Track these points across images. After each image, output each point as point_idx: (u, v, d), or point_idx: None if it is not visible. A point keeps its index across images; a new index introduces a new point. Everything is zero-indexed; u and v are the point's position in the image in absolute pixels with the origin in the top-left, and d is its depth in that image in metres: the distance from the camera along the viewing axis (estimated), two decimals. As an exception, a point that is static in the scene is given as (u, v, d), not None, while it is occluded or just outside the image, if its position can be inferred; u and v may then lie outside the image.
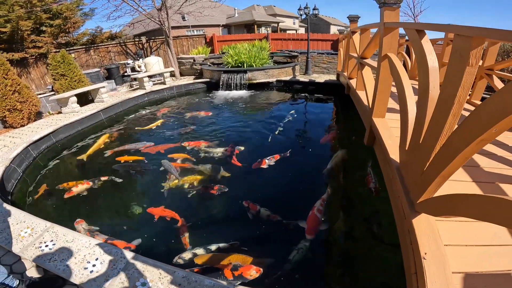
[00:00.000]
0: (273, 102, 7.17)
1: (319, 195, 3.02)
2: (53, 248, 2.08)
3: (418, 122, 1.63)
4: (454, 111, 1.25)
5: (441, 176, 1.28)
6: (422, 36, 1.70)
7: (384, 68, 2.61)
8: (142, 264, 1.85)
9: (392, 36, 2.57)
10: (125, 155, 4.39)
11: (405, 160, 1.81)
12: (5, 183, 3.54)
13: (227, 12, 24.41)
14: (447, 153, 1.23)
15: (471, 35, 1.17)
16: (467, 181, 1.80)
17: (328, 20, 41.83)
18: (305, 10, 8.67)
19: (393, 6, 2.56)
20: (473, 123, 1.05)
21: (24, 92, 5.61)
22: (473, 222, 1.38)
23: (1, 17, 7.42)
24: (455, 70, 1.24)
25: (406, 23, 2.09)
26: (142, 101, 7.83)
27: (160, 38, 11.07)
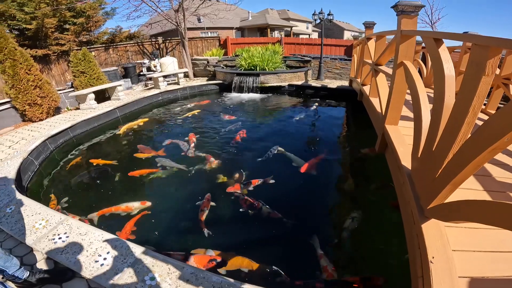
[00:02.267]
0: (285, 107, 7.17)
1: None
2: (66, 240, 2.14)
3: (432, 130, 1.63)
4: (468, 119, 1.27)
5: (453, 184, 1.30)
6: (440, 45, 1.71)
7: (399, 76, 2.61)
8: (152, 259, 1.90)
9: (408, 44, 2.58)
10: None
11: (417, 167, 1.82)
12: (22, 175, 3.65)
13: (241, 15, 24.66)
14: (459, 161, 1.24)
15: (488, 44, 1.17)
16: (478, 189, 1.81)
17: (342, 25, 41.61)
18: (319, 15, 8.68)
19: (410, 14, 2.58)
20: (486, 132, 1.07)
21: (45, 88, 5.84)
22: (481, 229, 1.39)
23: (27, 14, 7.68)
24: (471, 79, 1.26)
25: (423, 32, 2.09)
26: (156, 100, 7.98)
27: (176, 39, 11.28)
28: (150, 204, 3.07)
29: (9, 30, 7.88)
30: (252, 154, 4.37)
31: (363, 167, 4.06)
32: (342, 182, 3.62)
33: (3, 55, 5.35)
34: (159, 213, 2.99)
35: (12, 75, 5.42)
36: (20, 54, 5.55)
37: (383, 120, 2.93)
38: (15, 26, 7.90)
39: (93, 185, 3.71)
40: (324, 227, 2.86)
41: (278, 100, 7.77)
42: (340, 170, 4.04)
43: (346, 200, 3.33)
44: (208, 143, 4.82)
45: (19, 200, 2.76)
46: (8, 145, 4.51)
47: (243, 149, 4.54)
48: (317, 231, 2.65)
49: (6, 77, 5.46)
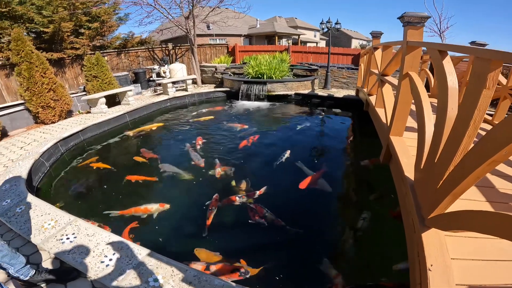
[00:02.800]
0: (291, 116, 7.20)
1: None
2: (73, 241, 2.20)
3: (434, 142, 1.66)
4: (469, 132, 1.29)
5: (453, 194, 1.33)
6: (444, 57, 1.73)
7: (405, 87, 2.63)
8: (156, 261, 1.94)
9: (414, 55, 2.60)
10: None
11: (419, 178, 1.84)
12: (33, 176, 3.75)
13: (250, 22, 24.98)
14: (460, 173, 1.27)
15: (489, 58, 1.20)
16: (481, 200, 1.83)
17: (350, 34, 41.68)
18: (327, 24, 8.76)
19: (416, 25, 2.60)
20: (485, 145, 1.10)
21: (58, 91, 6.01)
22: (481, 238, 1.41)
23: (45, 18, 7.86)
24: (473, 92, 1.28)
25: (428, 43, 2.10)
26: (164, 106, 8.11)
27: (185, 46, 11.49)
28: (169, 206, 3.14)
29: (26, 33, 8.09)
30: (259, 162, 4.42)
31: (364, 178, 4.07)
32: (345, 193, 3.62)
33: (20, 58, 5.52)
34: (163, 219, 3.03)
35: (28, 77, 5.57)
36: (37, 57, 5.72)
37: (388, 131, 2.95)
38: (33, 29, 8.09)
39: (100, 188, 3.79)
40: (326, 236, 2.87)
41: (284, 109, 7.82)
42: (343, 181, 4.04)
43: (348, 210, 3.34)
44: (217, 150, 4.88)
45: (30, 201, 2.84)
46: (20, 146, 4.66)
47: (251, 157, 4.59)
48: (319, 239, 2.68)
49: (22, 80, 5.62)
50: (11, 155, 4.28)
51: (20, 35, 5.62)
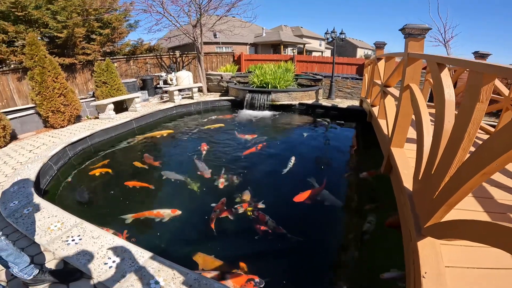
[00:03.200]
0: (295, 126, 7.25)
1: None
2: (78, 242, 2.25)
3: (432, 154, 1.70)
4: (464, 145, 1.33)
5: (448, 204, 1.37)
6: (442, 69, 1.78)
7: (406, 99, 2.67)
8: (159, 264, 1.98)
9: (415, 66, 2.64)
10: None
11: (417, 189, 1.89)
12: (41, 178, 3.83)
13: (256, 31, 25.25)
14: (454, 184, 1.32)
15: (482, 71, 1.23)
16: (479, 211, 1.87)
17: (355, 43, 41.84)
18: (332, 34, 8.85)
19: (417, 37, 2.64)
20: (478, 157, 1.14)
21: (69, 96, 6.15)
22: (476, 247, 1.43)
23: (59, 23, 8.03)
24: (467, 106, 1.32)
25: (428, 55, 2.14)
26: (170, 114, 8.20)
27: (192, 54, 11.70)
28: (180, 212, 3.20)
29: (40, 38, 8.26)
30: (261, 172, 4.46)
31: (363, 189, 4.08)
32: (344, 204, 3.63)
33: (33, 62, 5.65)
34: (164, 224, 3.09)
35: (40, 82, 5.70)
36: (49, 62, 5.85)
37: (389, 143, 2.99)
38: (47, 33, 8.28)
39: (103, 193, 3.88)
40: (324, 244, 2.89)
41: (288, 118, 7.85)
42: (344, 192, 4.04)
43: (346, 220, 3.37)
44: (222, 158, 4.92)
45: (37, 203, 2.91)
46: (29, 149, 4.77)
47: (254, 166, 4.63)
48: (317, 247, 2.72)
49: (34, 84, 5.75)
50: (20, 158, 4.39)
51: (35, 39, 5.76)
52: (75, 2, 8.23)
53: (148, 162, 4.71)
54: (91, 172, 4.38)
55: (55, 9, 8.05)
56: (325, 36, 9.12)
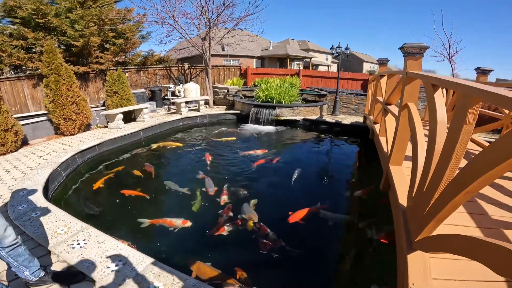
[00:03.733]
0: (299, 141, 7.28)
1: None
2: (83, 246, 2.34)
3: (424, 172, 1.76)
4: (452, 165, 1.40)
5: (436, 220, 1.45)
6: (436, 90, 1.85)
7: (404, 117, 2.74)
8: (159, 269, 2.05)
9: (413, 85, 2.71)
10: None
11: (411, 205, 1.96)
12: (49, 184, 3.94)
13: (263, 44, 25.65)
14: (442, 201, 1.39)
15: (468, 93, 1.30)
16: (472, 226, 1.93)
17: (362, 57, 41.96)
18: (337, 49, 9.00)
19: (416, 55, 2.70)
20: (461, 177, 1.22)
21: (81, 105, 6.31)
22: (463, 260, 1.46)
23: (77, 31, 8.32)
24: (455, 127, 1.38)
25: (424, 75, 2.20)
26: (177, 126, 8.25)
27: (200, 66, 11.93)
28: (191, 224, 3.25)
29: (57, 45, 8.53)
30: (265, 185, 4.51)
31: (357, 207, 4.10)
32: (344, 220, 3.65)
33: (50, 70, 5.84)
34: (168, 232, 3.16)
35: (55, 89, 5.88)
36: (65, 70, 6.04)
37: (388, 160, 3.05)
38: (64, 41, 8.55)
39: (109, 201, 3.99)
40: (320, 258, 2.91)
41: (292, 134, 7.89)
42: (342, 210, 4.00)
43: (344, 235, 3.40)
44: (228, 171, 4.96)
45: (46, 207, 3.01)
46: (39, 155, 4.92)
47: (257, 181, 4.65)
48: (314, 261, 2.76)
49: (48, 91, 5.92)
50: (30, 163, 4.54)
51: (52, 47, 5.96)
52: (92, 12, 8.55)
53: (149, 171, 4.82)
54: (95, 185, 4.36)
55: (74, 18, 8.36)
56: (330, 51, 9.26)
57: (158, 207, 3.88)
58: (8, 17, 8.43)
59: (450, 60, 11.00)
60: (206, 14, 9.11)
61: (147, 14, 9.80)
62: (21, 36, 8.09)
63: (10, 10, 8.12)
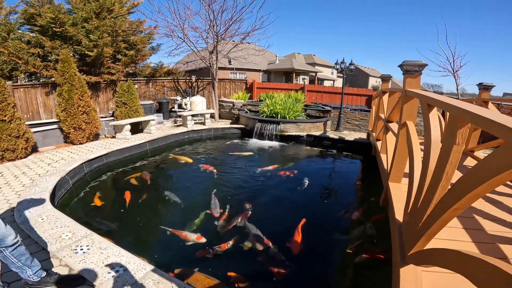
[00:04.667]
0: (302, 157, 7.24)
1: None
2: (86, 252, 2.40)
3: (419, 190, 1.81)
4: (442, 183, 1.45)
5: (427, 235, 1.50)
6: (431, 110, 1.92)
7: (403, 136, 2.79)
8: (159, 276, 2.09)
9: (412, 104, 2.77)
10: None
11: (406, 221, 2.01)
12: (56, 191, 4.05)
13: (269, 58, 25.84)
14: (432, 217, 1.44)
15: (457, 115, 1.35)
16: (467, 241, 1.98)
17: (367, 72, 41.73)
18: (341, 65, 9.07)
19: (414, 73, 2.74)
20: (449, 195, 1.28)
21: (91, 114, 6.47)
22: (454, 274, 1.51)
23: (91, 41, 8.59)
24: (446, 147, 1.44)
25: (420, 95, 2.24)
26: (182, 139, 8.31)
27: (207, 79, 12.13)
28: (205, 241, 3.17)
29: (72, 54, 8.72)
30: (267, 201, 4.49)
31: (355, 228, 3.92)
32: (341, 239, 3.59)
33: (64, 79, 6.02)
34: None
35: (67, 99, 6.05)
36: (78, 79, 6.22)
37: (387, 177, 3.10)
38: (78, 51, 8.81)
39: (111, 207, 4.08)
40: (316, 274, 2.90)
41: (295, 149, 7.87)
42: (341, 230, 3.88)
43: (341, 253, 3.29)
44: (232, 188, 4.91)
45: (52, 213, 3.11)
46: (48, 163, 5.05)
47: (258, 196, 4.59)
48: (310, 276, 2.75)
49: (61, 100, 6.09)
50: (38, 170, 4.67)
51: (68, 56, 6.16)
52: (107, 23, 8.86)
53: (145, 178, 4.92)
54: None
55: (89, 28, 8.66)
56: (335, 66, 9.35)
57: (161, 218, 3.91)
58: (28, 24, 8.76)
59: (455, 75, 10.91)
60: (214, 28, 9.37)
61: (158, 26, 10.06)
62: (38, 44, 8.37)
63: (30, 18, 8.44)
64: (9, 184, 4.10)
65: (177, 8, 9.11)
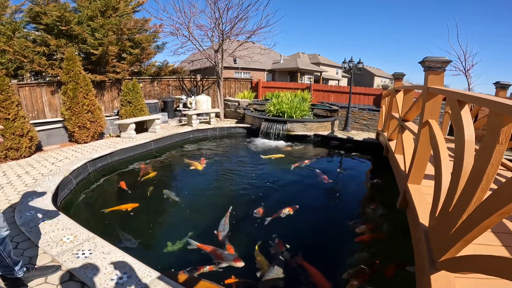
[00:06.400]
0: (310, 157, 6.86)
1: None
2: (88, 256, 2.27)
3: (450, 192, 1.68)
4: (482, 186, 1.33)
5: (464, 240, 1.40)
6: (462, 107, 1.78)
7: (425, 135, 2.63)
8: (165, 284, 1.96)
9: (434, 101, 2.61)
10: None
11: (433, 225, 1.88)
12: (59, 191, 3.94)
13: (274, 57, 25.93)
14: (472, 222, 1.32)
15: (502, 112, 1.22)
16: (497, 245, 1.89)
17: (372, 71, 41.84)
18: (349, 64, 8.91)
19: (437, 70, 2.61)
20: (495, 199, 1.15)
21: (96, 113, 6.40)
22: (489, 279, 1.41)
23: (96, 40, 8.54)
24: (487, 147, 1.31)
25: (448, 91, 2.12)
26: (187, 138, 8.19)
27: (212, 78, 12.04)
28: (244, 265, 2.70)
29: (77, 53, 8.71)
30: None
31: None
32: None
33: (69, 77, 5.96)
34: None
35: (72, 97, 5.98)
36: (83, 78, 6.15)
37: (406, 179, 2.92)
38: (84, 49, 8.77)
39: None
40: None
41: (303, 149, 7.64)
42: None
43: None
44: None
45: (54, 214, 2.99)
46: (51, 162, 4.97)
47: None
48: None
49: (66, 98, 6.03)
50: (42, 169, 4.57)
51: (73, 55, 6.09)
52: (112, 21, 8.82)
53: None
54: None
55: (94, 26, 8.61)
56: (342, 65, 9.18)
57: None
58: (33, 23, 8.74)
59: (466, 74, 10.67)
60: (219, 26, 9.26)
61: (163, 25, 9.96)
62: (44, 42, 8.33)
63: (36, 16, 8.41)
64: (11, 183, 4.01)
65: (182, 6, 9.10)
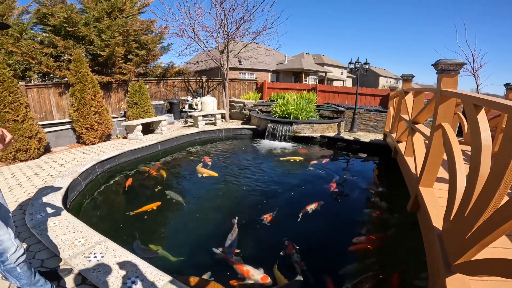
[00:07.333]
0: (316, 159, 6.71)
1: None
2: (100, 260, 2.27)
3: (465, 197, 1.65)
4: (500, 191, 1.31)
5: (481, 244, 1.38)
6: (479, 111, 1.73)
7: (437, 138, 2.58)
8: (177, 289, 1.95)
9: (448, 105, 2.55)
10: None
11: (448, 228, 1.87)
12: (69, 193, 3.96)
13: (278, 58, 25.78)
14: (489, 226, 1.31)
15: None
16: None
17: (377, 72, 41.53)
18: (356, 64, 8.82)
19: (451, 73, 2.56)
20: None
21: (103, 115, 6.43)
22: (505, 281, 1.40)
23: (103, 41, 8.59)
24: (505, 152, 1.29)
25: (463, 95, 2.07)
26: (193, 139, 8.20)
27: (218, 79, 12.05)
28: (270, 281, 2.57)
29: (84, 54, 8.73)
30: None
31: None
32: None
33: (76, 79, 6.00)
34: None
35: (80, 99, 6.02)
36: (91, 79, 6.19)
37: (417, 182, 2.89)
38: (90, 51, 8.81)
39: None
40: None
41: (309, 151, 7.57)
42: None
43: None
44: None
45: (64, 217, 3.00)
46: (60, 163, 5.01)
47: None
48: None
49: (73, 100, 6.07)
50: (51, 171, 4.62)
51: (80, 56, 6.14)
52: (118, 22, 8.86)
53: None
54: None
55: (101, 27, 8.65)
56: (348, 66, 9.11)
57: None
58: (40, 24, 8.79)
59: (475, 75, 10.51)
60: (225, 27, 9.27)
61: (168, 26, 10.00)
62: (51, 44, 8.38)
63: (43, 18, 8.46)
64: (21, 185, 4.05)
65: (188, 8, 9.06)
